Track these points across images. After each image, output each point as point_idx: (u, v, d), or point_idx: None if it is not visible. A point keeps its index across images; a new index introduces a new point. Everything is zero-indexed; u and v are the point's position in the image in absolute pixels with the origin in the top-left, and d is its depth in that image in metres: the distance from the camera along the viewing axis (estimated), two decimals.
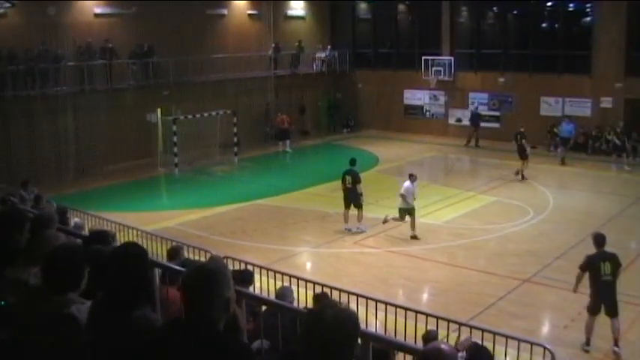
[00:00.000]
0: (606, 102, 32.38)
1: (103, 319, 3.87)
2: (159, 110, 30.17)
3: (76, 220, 15.05)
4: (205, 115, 30.04)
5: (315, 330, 3.09)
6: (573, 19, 35.59)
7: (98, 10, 30.10)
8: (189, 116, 29.41)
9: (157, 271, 5.28)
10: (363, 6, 42.46)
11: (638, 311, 14.16)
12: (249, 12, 36.87)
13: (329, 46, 39.83)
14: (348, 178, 20.30)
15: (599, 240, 12.50)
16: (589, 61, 32.86)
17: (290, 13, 39.66)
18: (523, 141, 26.98)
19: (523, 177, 26.69)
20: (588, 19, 34.10)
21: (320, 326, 3.07)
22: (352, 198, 20.25)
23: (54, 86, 27.57)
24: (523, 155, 26.78)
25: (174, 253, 10.75)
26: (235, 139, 31.52)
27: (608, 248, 12.50)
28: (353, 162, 20.88)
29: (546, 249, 18.54)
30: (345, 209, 20.41)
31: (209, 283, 3.40)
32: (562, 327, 13.67)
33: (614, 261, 12.35)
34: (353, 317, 3.16)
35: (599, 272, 12.24)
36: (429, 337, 8.40)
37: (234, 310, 3.61)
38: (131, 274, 3.93)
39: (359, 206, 20.22)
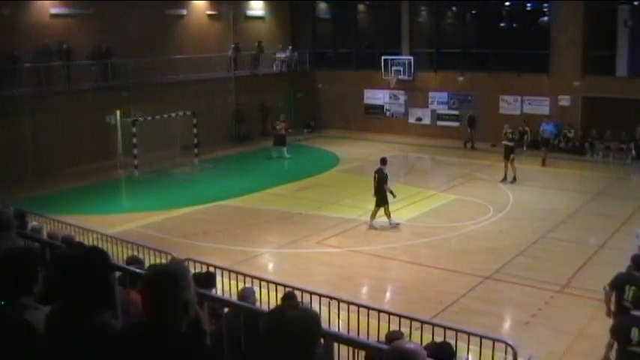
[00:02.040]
0: (564, 100, 32.77)
1: (62, 326, 3.80)
2: (118, 112, 29.85)
3: (34, 223, 14.81)
4: (165, 116, 29.78)
5: (276, 330, 3.08)
6: (531, 19, 36.03)
7: (55, 11, 29.68)
8: (149, 118, 29.12)
9: (117, 275, 5.21)
10: (322, 6, 42.52)
11: (597, 306, 14.30)
12: (209, 12, 36.69)
13: (289, 47, 39.78)
14: (376, 176, 20.64)
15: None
16: (547, 60, 33.24)
17: (250, 13, 39.54)
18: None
19: (514, 179, 26.27)
20: (546, 18, 34.52)
21: (281, 326, 3.06)
22: (376, 195, 20.49)
23: (10, 88, 27.14)
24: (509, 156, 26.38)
25: (133, 260, 10.59)
26: (196, 141, 31.33)
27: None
28: (382, 161, 21.16)
29: (507, 246, 18.69)
30: (375, 207, 20.56)
31: (168, 285, 3.36)
32: (523, 323, 13.78)
33: None
34: (314, 317, 3.15)
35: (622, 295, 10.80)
36: (393, 336, 8.39)
37: (195, 312, 3.57)
38: (91, 279, 3.87)
39: (381, 204, 20.39)
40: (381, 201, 20.41)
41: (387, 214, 20.52)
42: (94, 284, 3.88)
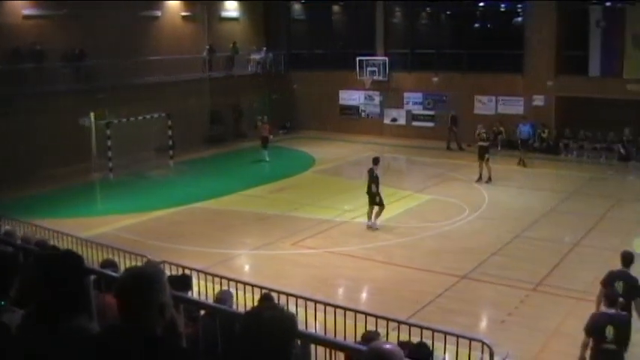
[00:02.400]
0: (538, 100, 33.03)
1: (37, 329, 3.76)
2: (92, 114, 29.60)
3: (7, 227, 14.71)
4: (140, 118, 29.57)
5: (253, 331, 3.07)
6: (505, 19, 36.31)
7: (27, 12, 29.32)
8: (124, 120, 28.89)
9: (92, 278, 5.17)
10: (297, 7, 42.51)
11: (572, 303, 14.43)
12: (183, 13, 36.53)
13: (264, 48, 39.69)
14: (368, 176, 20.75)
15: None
16: (521, 60, 33.48)
17: (224, 14, 39.42)
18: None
19: (490, 179, 26.36)
20: (520, 19, 34.76)
21: (257, 327, 3.06)
22: (368, 194, 20.54)
23: None
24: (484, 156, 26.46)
25: (107, 264, 10.51)
26: (171, 143, 31.19)
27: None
28: (374, 160, 21.17)
29: (482, 245, 18.78)
30: (369, 206, 20.60)
31: (143, 288, 3.33)
32: (499, 322, 13.85)
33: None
34: (290, 318, 3.14)
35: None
36: (369, 337, 8.38)
37: (171, 315, 3.55)
38: (66, 282, 3.83)
39: (373, 204, 20.45)
40: (373, 200, 20.47)
41: (369, 215, 20.57)
42: (69, 287, 3.84)
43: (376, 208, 20.53)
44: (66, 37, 29.88)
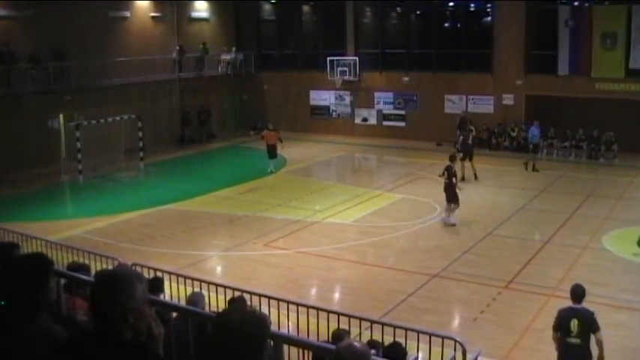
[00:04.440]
0: (508, 99, 33.27)
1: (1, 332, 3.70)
2: (61, 116, 29.34)
3: None
4: (110, 120, 29.34)
5: (223, 333, 3.04)
6: (474, 19, 36.44)
7: None
8: (93, 121, 28.64)
9: (62, 281, 5.11)
10: (267, 7, 42.44)
11: (544, 300, 14.53)
12: (153, 14, 36.26)
13: (234, 48, 39.56)
14: (445, 173, 21.07)
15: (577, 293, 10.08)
16: (490, 60, 33.69)
17: (194, 15, 39.22)
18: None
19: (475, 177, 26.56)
20: (489, 18, 34.93)
21: (227, 329, 3.03)
22: (446, 191, 20.89)
23: None
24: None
25: (76, 267, 10.39)
26: (141, 144, 30.99)
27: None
28: (451, 157, 21.78)
29: (454, 244, 18.88)
30: (447, 203, 20.87)
31: (110, 290, 3.28)
32: (472, 319, 13.91)
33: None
34: (261, 320, 3.12)
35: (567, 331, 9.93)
36: (338, 335, 8.37)
37: (144, 318, 3.50)
38: (28, 284, 3.78)
39: (451, 201, 20.77)
40: (451, 197, 20.71)
41: (448, 211, 20.85)
42: (36, 289, 3.80)
43: (452, 205, 20.79)
44: (33, 38, 29.51)
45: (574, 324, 9.71)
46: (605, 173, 27.98)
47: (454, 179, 20.98)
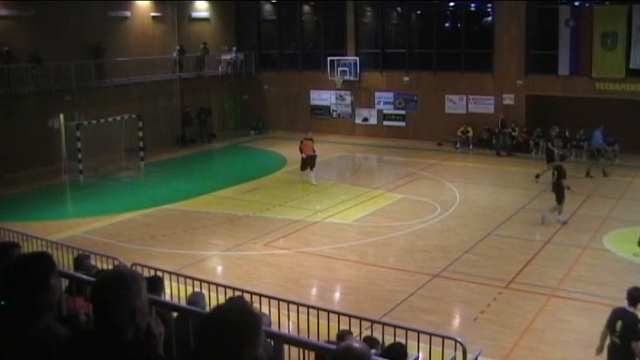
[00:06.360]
0: (508, 99, 33.24)
1: (2, 330, 3.70)
2: (61, 116, 29.33)
3: None
4: (110, 119, 29.35)
5: (210, 330, 3.06)
6: (475, 19, 36.42)
7: None
8: (94, 121, 28.64)
9: (64, 282, 5.11)
10: (267, 7, 42.42)
11: (544, 300, 14.53)
12: (153, 14, 36.25)
13: (234, 48, 39.55)
14: (555, 173, 21.32)
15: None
16: (491, 60, 33.67)
17: (194, 14, 39.21)
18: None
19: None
20: (489, 18, 34.91)
21: (211, 327, 3.05)
22: (555, 191, 21.15)
23: None
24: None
25: (78, 262, 10.42)
26: (141, 144, 30.99)
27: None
28: (561, 157, 22.62)
29: (454, 244, 18.86)
30: (557, 203, 21.03)
31: (113, 290, 3.28)
32: (472, 319, 13.89)
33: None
34: (248, 311, 3.13)
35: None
36: (341, 336, 8.39)
37: (146, 318, 3.50)
38: (30, 283, 3.77)
39: (558, 199, 20.96)
40: (560, 197, 20.88)
41: (560, 211, 20.95)
42: (33, 289, 3.79)
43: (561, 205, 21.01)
44: (34, 38, 29.49)
45: (619, 325, 9.94)
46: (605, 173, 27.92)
47: (562, 180, 20.96)
